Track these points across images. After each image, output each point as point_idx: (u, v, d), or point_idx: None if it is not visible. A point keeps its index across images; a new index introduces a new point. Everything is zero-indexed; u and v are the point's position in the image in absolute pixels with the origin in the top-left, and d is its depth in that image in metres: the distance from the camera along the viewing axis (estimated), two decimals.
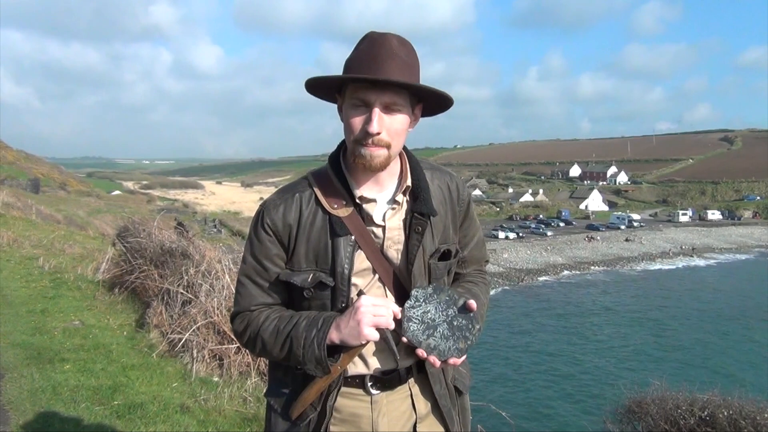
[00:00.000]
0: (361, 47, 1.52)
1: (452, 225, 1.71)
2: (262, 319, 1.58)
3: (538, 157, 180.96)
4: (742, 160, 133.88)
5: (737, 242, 77.50)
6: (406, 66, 1.49)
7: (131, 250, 7.75)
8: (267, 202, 1.62)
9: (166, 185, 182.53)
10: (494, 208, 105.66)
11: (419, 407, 1.65)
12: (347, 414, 1.60)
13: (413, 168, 1.66)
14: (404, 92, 1.50)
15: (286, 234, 1.57)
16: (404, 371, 1.64)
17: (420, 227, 1.59)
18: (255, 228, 1.61)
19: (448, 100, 1.58)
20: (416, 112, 1.60)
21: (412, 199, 1.61)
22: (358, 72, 1.47)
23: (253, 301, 1.61)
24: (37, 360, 5.00)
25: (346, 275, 1.54)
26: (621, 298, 47.71)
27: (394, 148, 1.53)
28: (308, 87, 1.57)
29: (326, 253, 1.55)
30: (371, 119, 1.46)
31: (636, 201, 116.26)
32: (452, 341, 1.50)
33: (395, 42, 1.50)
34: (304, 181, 1.65)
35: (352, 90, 1.50)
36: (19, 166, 57.27)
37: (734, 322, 39.86)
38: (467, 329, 1.51)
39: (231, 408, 4.34)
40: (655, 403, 6.80)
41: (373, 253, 1.57)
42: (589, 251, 66.44)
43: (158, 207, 68.33)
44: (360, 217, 1.57)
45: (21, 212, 17.70)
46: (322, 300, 1.56)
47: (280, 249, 1.58)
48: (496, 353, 31.40)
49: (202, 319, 5.38)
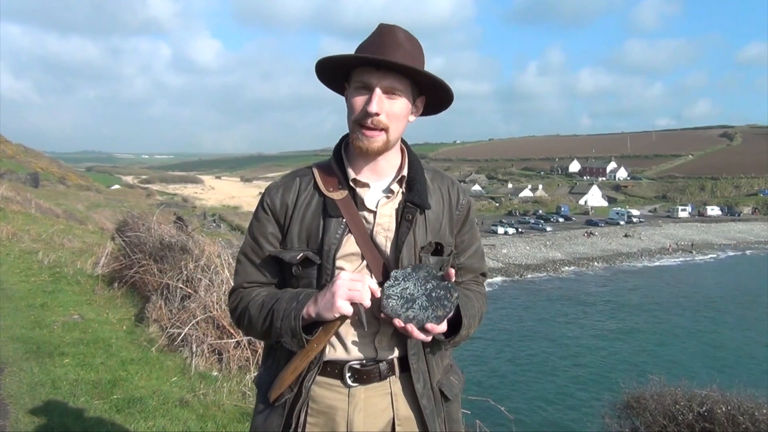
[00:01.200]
0: (370, 37, 1.58)
1: (449, 227, 1.72)
2: (252, 295, 1.63)
3: (537, 152, 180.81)
4: (742, 156, 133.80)
5: (736, 238, 77.55)
6: (410, 56, 1.54)
7: (130, 244, 7.74)
8: (270, 185, 1.71)
9: (166, 180, 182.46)
10: (493, 203, 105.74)
11: (399, 407, 1.63)
12: (324, 405, 1.60)
13: (411, 161, 1.70)
14: (406, 80, 1.56)
15: (283, 214, 1.64)
16: (385, 367, 1.62)
17: (410, 215, 1.62)
18: (257, 208, 1.69)
19: (448, 93, 1.62)
20: (417, 103, 1.65)
21: (406, 190, 1.65)
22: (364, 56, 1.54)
23: (248, 278, 1.67)
24: (37, 354, 5.01)
25: (332, 254, 1.57)
26: (619, 293, 47.76)
27: (392, 133, 1.57)
28: (318, 70, 1.64)
29: (317, 233, 1.60)
30: (372, 100, 1.52)
31: (635, 197, 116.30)
32: (431, 310, 1.52)
33: (402, 34, 1.56)
34: (307, 168, 1.72)
35: (357, 74, 1.56)
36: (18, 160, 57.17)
37: (733, 318, 39.93)
38: (445, 298, 1.53)
39: (230, 402, 4.35)
40: (653, 398, 6.81)
41: (362, 238, 1.59)
42: (588, 247, 66.50)
43: (157, 201, 68.33)
44: (353, 202, 1.61)
45: (20, 206, 17.69)
46: (309, 278, 1.60)
47: (276, 228, 1.65)
48: (494, 348, 31.46)
49: (201, 314, 5.38)
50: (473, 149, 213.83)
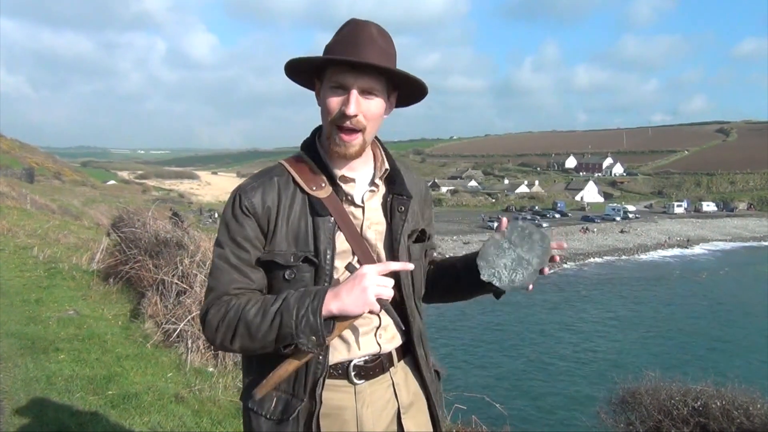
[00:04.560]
0: (342, 32, 1.54)
1: (421, 213, 1.76)
2: (243, 302, 1.49)
3: (534, 148, 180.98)
4: (738, 152, 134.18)
5: (732, 233, 77.89)
6: (384, 53, 1.52)
7: (126, 240, 7.73)
8: (243, 185, 1.59)
9: (162, 175, 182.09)
10: (490, 199, 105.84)
11: (401, 396, 1.64)
12: (331, 407, 1.55)
13: (388, 155, 1.70)
14: (381, 78, 1.53)
15: (266, 217, 1.53)
16: (386, 359, 1.62)
17: (402, 207, 1.64)
18: (232, 211, 1.55)
19: (423, 88, 1.61)
20: (391, 99, 1.62)
21: (389, 183, 1.66)
22: (338, 56, 1.49)
23: (233, 284, 1.52)
24: (32, 350, 4.99)
25: (330, 255, 1.53)
26: (615, 289, 47.90)
27: (368, 133, 1.56)
28: (288, 70, 1.60)
29: (306, 234, 1.53)
30: (349, 101, 1.49)
31: (631, 192, 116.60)
32: (538, 259, 1.67)
33: (375, 30, 1.53)
34: (278, 166, 1.63)
35: (331, 73, 1.52)
36: (13, 155, 56.96)
37: (728, 313, 40.09)
38: (540, 242, 1.67)
39: (226, 398, 4.34)
40: (648, 393, 6.84)
41: (351, 235, 1.57)
42: (584, 243, 66.61)
43: (153, 197, 68.14)
44: (338, 199, 1.58)
45: (15, 202, 17.65)
46: (304, 282, 1.52)
47: (259, 232, 1.54)
48: (489, 344, 31.52)
49: (196, 310, 5.37)
50: (469, 145, 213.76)
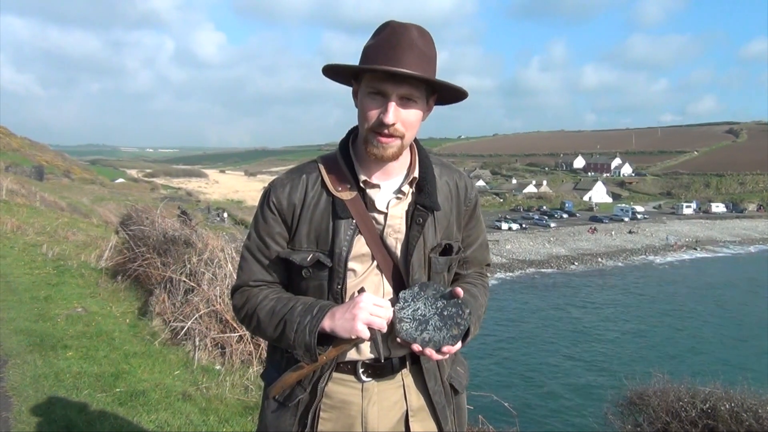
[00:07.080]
0: (381, 36, 1.51)
1: (456, 223, 1.71)
2: (260, 298, 1.60)
3: (542, 148, 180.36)
4: (748, 153, 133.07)
5: (741, 235, 77.16)
6: (425, 58, 1.49)
7: (134, 237, 7.75)
8: (275, 181, 1.65)
9: (170, 173, 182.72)
10: (498, 199, 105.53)
11: (411, 399, 1.65)
12: (337, 400, 1.60)
13: (422, 161, 1.67)
14: (421, 85, 1.51)
15: (290, 213, 1.59)
16: (398, 361, 1.63)
17: (421, 219, 1.60)
18: (261, 206, 1.63)
19: (463, 94, 1.60)
20: (430, 103, 1.61)
21: (417, 191, 1.63)
22: (376, 61, 1.47)
23: (253, 277, 1.64)
24: (40, 346, 5.02)
25: (344, 257, 1.55)
26: (623, 289, 47.69)
27: (406, 140, 1.54)
28: (325, 72, 1.59)
29: (327, 234, 1.56)
30: (387, 110, 1.47)
31: (640, 193, 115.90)
32: (445, 330, 1.51)
33: (415, 33, 1.49)
34: (312, 163, 1.67)
35: (369, 79, 1.50)
36: (23, 153, 57.27)
37: (737, 314, 39.83)
38: (458, 315, 1.52)
39: (233, 396, 4.35)
40: (656, 395, 6.80)
41: (372, 239, 1.57)
42: (592, 243, 66.35)
43: (162, 195, 68.41)
44: (363, 203, 1.58)
45: (25, 199, 17.74)
46: (319, 280, 1.58)
47: (283, 228, 1.61)
48: (498, 344, 31.47)
49: (204, 308, 5.38)
50: (477, 144, 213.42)
